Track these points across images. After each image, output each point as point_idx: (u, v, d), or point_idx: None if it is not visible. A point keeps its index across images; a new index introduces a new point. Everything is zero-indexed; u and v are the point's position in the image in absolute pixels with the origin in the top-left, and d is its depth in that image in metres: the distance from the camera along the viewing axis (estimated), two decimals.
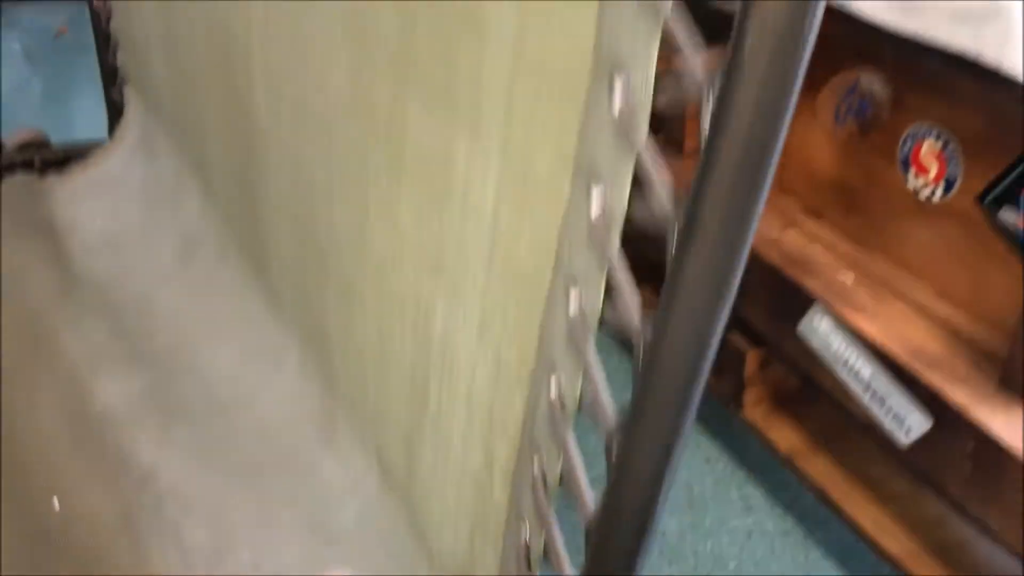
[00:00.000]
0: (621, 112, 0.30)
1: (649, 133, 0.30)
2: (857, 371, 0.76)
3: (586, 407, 0.37)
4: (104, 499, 0.62)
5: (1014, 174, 0.71)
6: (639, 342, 0.31)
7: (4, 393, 0.71)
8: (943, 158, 0.78)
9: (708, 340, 0.29)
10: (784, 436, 0.92)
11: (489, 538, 0.48)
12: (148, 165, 0.92)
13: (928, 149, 0.78)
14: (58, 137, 1.06)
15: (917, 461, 0.73)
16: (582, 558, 0.38)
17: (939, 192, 0.78)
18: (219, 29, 0.66)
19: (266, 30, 0.59)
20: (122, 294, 0.81)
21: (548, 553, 0.43)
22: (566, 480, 0.40)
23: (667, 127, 0.95)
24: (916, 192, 0.79)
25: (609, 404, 0.35)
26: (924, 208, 0.79)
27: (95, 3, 0.96)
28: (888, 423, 0.74)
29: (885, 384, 0.74)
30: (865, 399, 0.75)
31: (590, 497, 0.38)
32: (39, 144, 1.04)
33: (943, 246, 0.79)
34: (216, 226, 0.80)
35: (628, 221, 0.32)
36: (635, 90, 0.30)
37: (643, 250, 0.33)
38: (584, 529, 0.37)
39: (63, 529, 0.61)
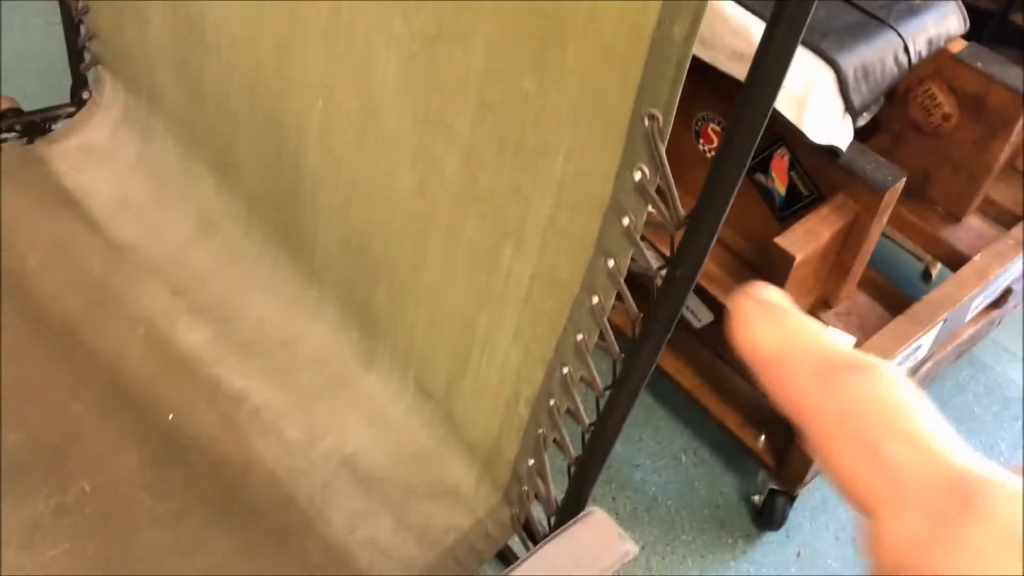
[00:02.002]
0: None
1: None
2: None
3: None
4: (208, 412, 0.93)
5: (764, 154, 1.12)
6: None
7: (90, 343, 0.97)
8: (720, 134, 1.17)
9: None
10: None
11: (513, 432, 0.83)
12: (144, 144, 1.12)
13: (711, 128, 1.17)
14: None
15: (706, 338, 1.17)
16: None
17: (710, 152, 1.18)
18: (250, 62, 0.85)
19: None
20: (158, 254, 1.06)
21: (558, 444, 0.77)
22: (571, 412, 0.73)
23: None
24: (704, 152, 1.18)
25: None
26: (702, 159, 1.18)
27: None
28: (687, 315, 1.16)
29: None
30: None
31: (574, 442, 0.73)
32: (16, 111, 1.21)
33: None
34: (237, 208, 1.05)
35: None
36: None
37: None
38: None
39: (177, 438, 0.92)
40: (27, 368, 0.92)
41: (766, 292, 0.21)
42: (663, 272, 0.62)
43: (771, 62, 0.52)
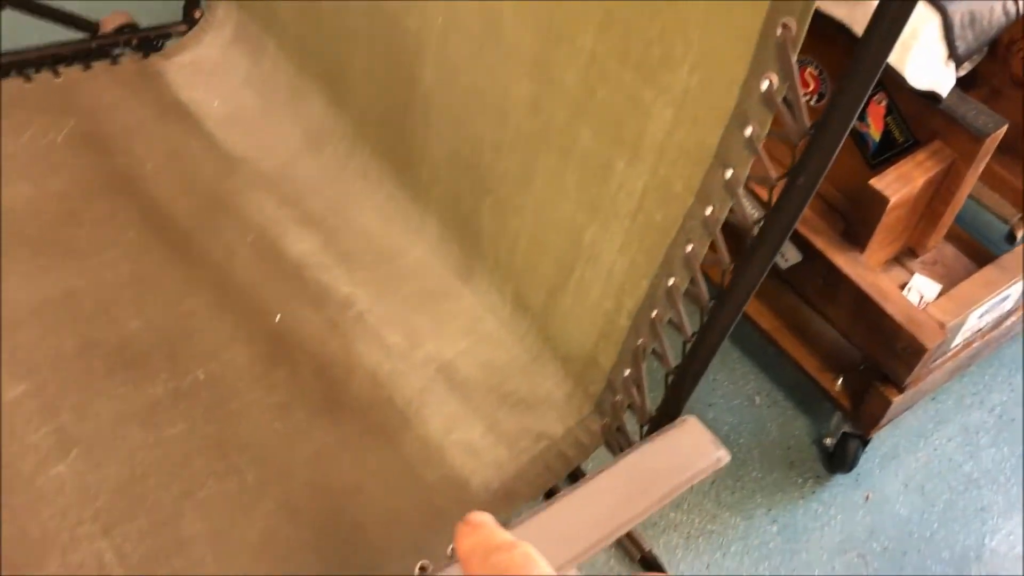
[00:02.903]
0: None
1: None
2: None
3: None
4: (315, 316, 0.97)
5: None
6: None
7: (202, 245, 1.03)
8: (817, 79, 1.18)
9: None
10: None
11: (611, 343, 0.86)
12: (252, 61, 1.16)
13: (809, 71, 1.17)
14: None
15: (791, 279, 1.18)
16: None
17: (814, 100, 1.18)
18: None
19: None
20: (266, 167, 1.10)
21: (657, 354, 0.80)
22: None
23: None
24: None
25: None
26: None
27: None
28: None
29: None
30: None
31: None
32: (132, 26, 1.26)
33: None
34: (344, 126, 1.09)
35: None
36: None
37: None
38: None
39: (284, 337, 0.97)
40: (145, 264, 0.97)
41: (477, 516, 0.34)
42: (781, 184, 0.64)
43: (895, 11, 0.53)
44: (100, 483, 0.79)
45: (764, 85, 0.61)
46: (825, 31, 1.04)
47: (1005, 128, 1.04)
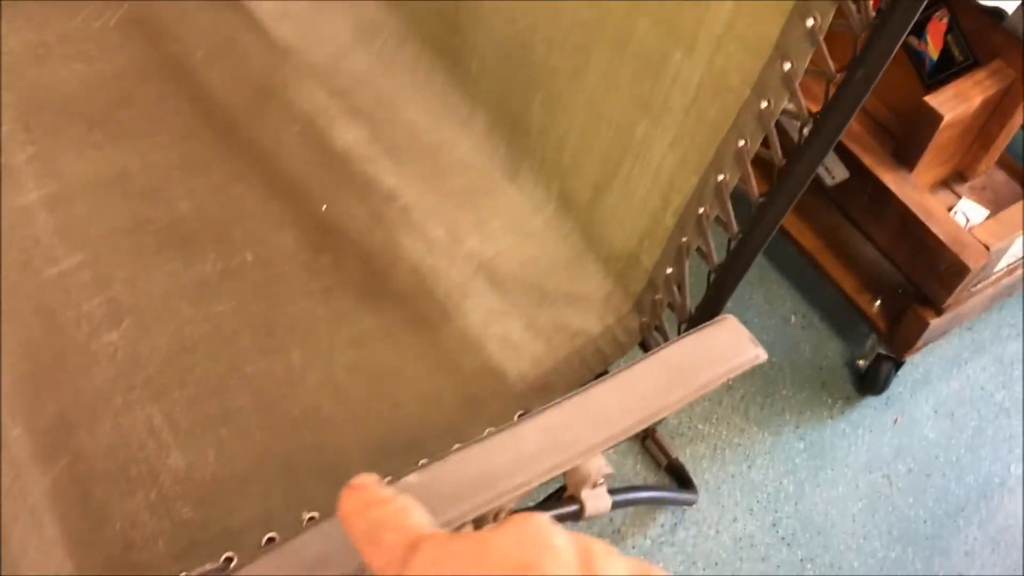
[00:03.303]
0: None
1: None
2: None
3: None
4: (360, 207, 0.98)
5: (921, 16, 1.09)
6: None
7: (251, 132, 1.03)
8: None
9: None
10: None
11: (655, 241, 0.87)
12: None
13: None
14: None
15: (836, 198, 1.17)
16: None
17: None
18: None
19: None
20: (316, 58, 1.10)
21: (701, 252, 0.80)
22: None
23: None
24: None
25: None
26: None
27: None
28: (821, 172, 1.17)
29: None
30: None
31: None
32: None
33: None
34: (395, 19, 1.08)
35: None
36: None
37: None
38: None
39: (330, 226, 0.98)
40: (194, 148, 0.98)
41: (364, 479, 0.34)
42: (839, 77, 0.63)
43: None
44: (151, 352, 0.81)
45: None
46: None
47: None
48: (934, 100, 1.03)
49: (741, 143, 0.70)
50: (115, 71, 1.03)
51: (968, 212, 1.12)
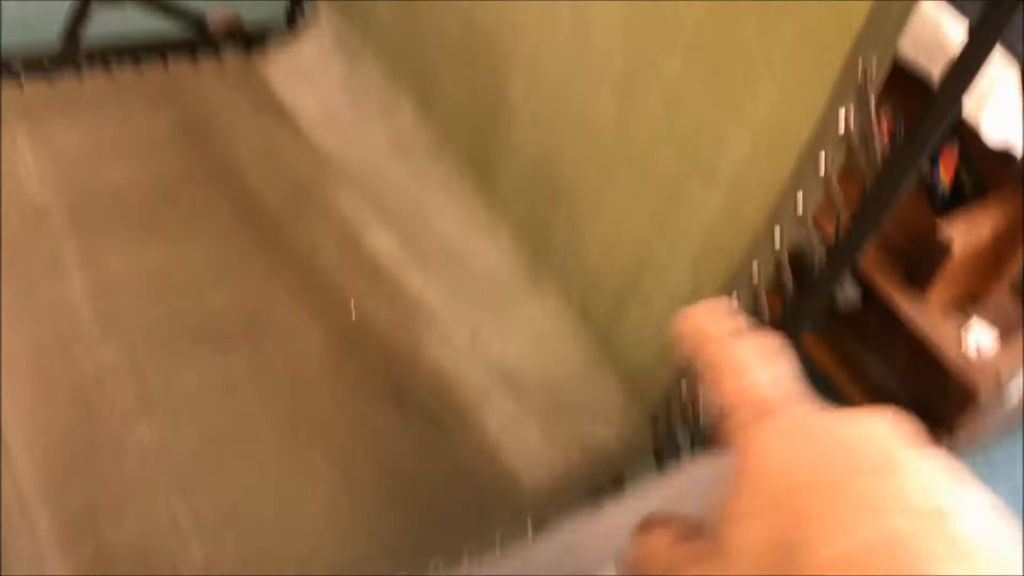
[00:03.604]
0: None
1: None
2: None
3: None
4: (387, 310, 1.01)
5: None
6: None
7: (288, 233, 1.08)
8: (891, 121, 1.20)
9: None
10: None
11: (672, 358, 0.90)
12: (348, 67, 1.23)
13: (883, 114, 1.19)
14: None
15: (849, 318, 1.20)
16: None
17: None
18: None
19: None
20: (353, 166, 1.16)
21: None
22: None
23: None
24: None
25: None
26: None
27: None
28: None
29: None
30: None
31: None
32: (238, 24, 1.34)
33: None
34: (430, 132, 1.14)
35: None
36: None
37: None
38: None
39: (358, 327, 1.02)
40: (232, 247, 1.03)
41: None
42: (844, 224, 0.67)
43: (970, 62, 0.56)
44: (179, 447, 0.84)
45: (841, 121, 0.64)
46: (901, 74, 1.06)
47: None
48: (945, 228, 1.06)
49: (755, 272, 0.74)
50: (162, 173, 1.09)
51: (980, 337, 1.15)
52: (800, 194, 0.69)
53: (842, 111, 0.63)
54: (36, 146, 1.08)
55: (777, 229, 0.71)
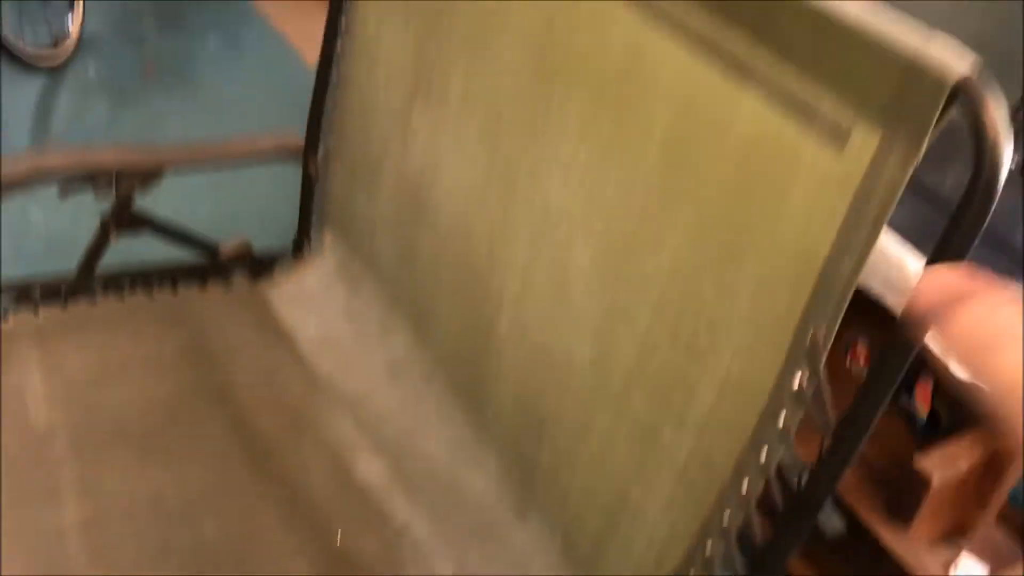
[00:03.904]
0: None
1: None
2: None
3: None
4: (373, 539, 1.02)
5: (910, 378, 1.18)
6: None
7: (281, 458, 1.11)
8: (869, 353, 1.25)
9: None
10: None
11: None
12: (349, 293, 1.30)
13: (860, 345, 1.24)
14: None
15: (834, 545, 1.20)
16: None
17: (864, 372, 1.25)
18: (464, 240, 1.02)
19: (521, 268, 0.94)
20: (348, 391, 1.20)
21: None
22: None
23: None
24: (850, 366, 1.26)
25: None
26: (852, 378, 1.25)
27: (310, 163, 1.34)
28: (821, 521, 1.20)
29: None
30: None
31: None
32: (248, 251, 1.43)
33: None
34: (425, 358, 1.19)
35: None
36: None
37: None
38: None
39: (342, 556, 1.03)
40: (227, 471, 1.06)
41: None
42: (807, 471, 0.70)
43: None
44: None
45: (796, 381, 0.68)
46: (879, 311, 1.12)
47: None
48: (924, 462, 1.08)
49: (726, 518, 0.76)
50: (165, 395, 1.13)
51: (968, 569, 1.14)
52: (765, 448, 0.72)
53: (797, 375, 0.68)
54: (46, 369, 1.12)
55: (745, 480, 0.74)
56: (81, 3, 2.51)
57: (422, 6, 1.06)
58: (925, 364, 1.20)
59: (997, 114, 0.54)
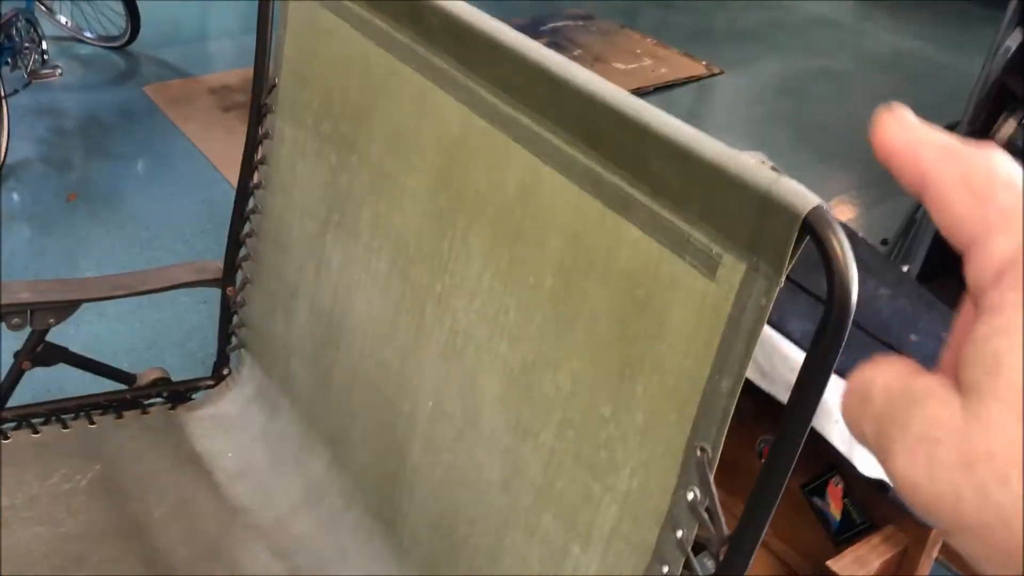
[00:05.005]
0: None
1: None
2: None
3: None
4: None
5: (821, 479, 1.22)
6: None
7: None
8: None
9: None
10: None
11: None
12: (269, 419, 1.30)
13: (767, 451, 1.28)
14: None
15: None
16: None
17: None
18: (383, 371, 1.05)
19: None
20: (265, 519, 1.19)
21: None
22: None
23: None
24: None
25: None
26: None
27: (228, 290, 1.36)
28: None
29: None
30: None
31: None
32: (165, 380, 1.43)
33: (782, 508, 1.29)
34: (342, 484, 1.20)
35: None
36: None
37: None
38: None
39: None
40: None
41: (902, 111, 0.26)
42: None
43: (808, 392, 0.64)
44: None
45: (690, 496, 0.71)
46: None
47: None
48: (835, 565, 1.11)
49: None
50: (76, 532, 1.11)
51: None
52: (664, 563, 0.74)
53: (690, 494, 0.70)
54: None
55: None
56: (5, 132, 2.53)
57: (335, 140, 1.10)
58: (835, 467, 1.25)
59: (842, 242, 0.59)
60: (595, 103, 0.73)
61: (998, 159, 0.24)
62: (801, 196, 0.60)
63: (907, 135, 0.26)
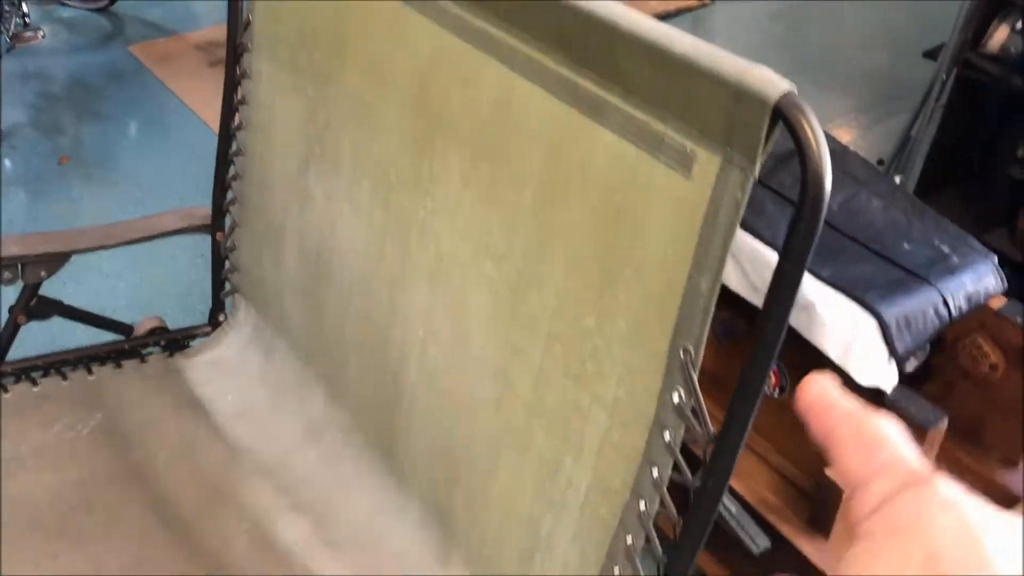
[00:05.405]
0: None
1: None
2: (729, 509, 1.25)
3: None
4: None
5: None
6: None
7: (202, 533, 1.10)
8: (778, 374, 1.28)
9: None
10: None
11: None
12: (266, 361, 1.31)
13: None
14: None
15: (763, 564, 1.22)
16: None
17: (776, 392, 1.28)
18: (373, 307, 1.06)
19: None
20: (268, 457, 1.20)
21: None
22: None
23: None
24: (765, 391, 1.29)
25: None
26: (768, 401, 1.28)
27: (217, 235, 1.35)
28: (747, 541, 1.23)
29: (745, 518, 1.23)
30: (733, 525, 1.24)
31: None
32: (162, 329, 1.43)
33: (780, 423, 1.30)
34: (341, 419, 1.20)
35: None
36: None
37: None
38: None
39: None
40: (146, 551, 1.05)
41: (825, 379, 0.34)
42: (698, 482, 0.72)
43: (784, 284, 0.64)
44: None
45: (675, 398, 0.71)
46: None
47: (945, 421, 1.12)
48: (834, 472, 1.12)
49: (629, 540, 0.78)
50: (81, 479, 1.12)
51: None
52: (656, 467, 0.74)
53: (675, 396, 0.70)
54: None
55: (642, 501, 0.76)
56: None
57: (311, 71, 1.09)
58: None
59: (814, 127, 0.58)
60: (564, 7, 0.72)
61: (886, 423, 0.31)
62: (772, 83, 0.59)
63: (821, 398, 0.33)
